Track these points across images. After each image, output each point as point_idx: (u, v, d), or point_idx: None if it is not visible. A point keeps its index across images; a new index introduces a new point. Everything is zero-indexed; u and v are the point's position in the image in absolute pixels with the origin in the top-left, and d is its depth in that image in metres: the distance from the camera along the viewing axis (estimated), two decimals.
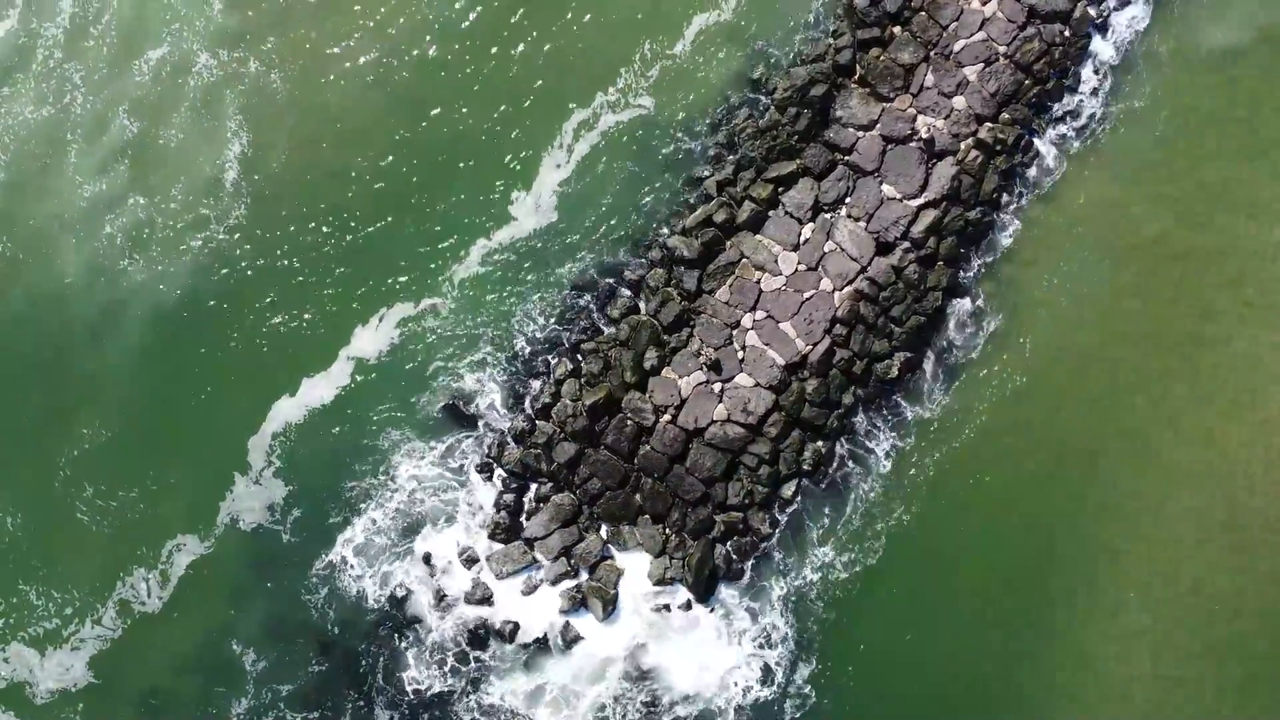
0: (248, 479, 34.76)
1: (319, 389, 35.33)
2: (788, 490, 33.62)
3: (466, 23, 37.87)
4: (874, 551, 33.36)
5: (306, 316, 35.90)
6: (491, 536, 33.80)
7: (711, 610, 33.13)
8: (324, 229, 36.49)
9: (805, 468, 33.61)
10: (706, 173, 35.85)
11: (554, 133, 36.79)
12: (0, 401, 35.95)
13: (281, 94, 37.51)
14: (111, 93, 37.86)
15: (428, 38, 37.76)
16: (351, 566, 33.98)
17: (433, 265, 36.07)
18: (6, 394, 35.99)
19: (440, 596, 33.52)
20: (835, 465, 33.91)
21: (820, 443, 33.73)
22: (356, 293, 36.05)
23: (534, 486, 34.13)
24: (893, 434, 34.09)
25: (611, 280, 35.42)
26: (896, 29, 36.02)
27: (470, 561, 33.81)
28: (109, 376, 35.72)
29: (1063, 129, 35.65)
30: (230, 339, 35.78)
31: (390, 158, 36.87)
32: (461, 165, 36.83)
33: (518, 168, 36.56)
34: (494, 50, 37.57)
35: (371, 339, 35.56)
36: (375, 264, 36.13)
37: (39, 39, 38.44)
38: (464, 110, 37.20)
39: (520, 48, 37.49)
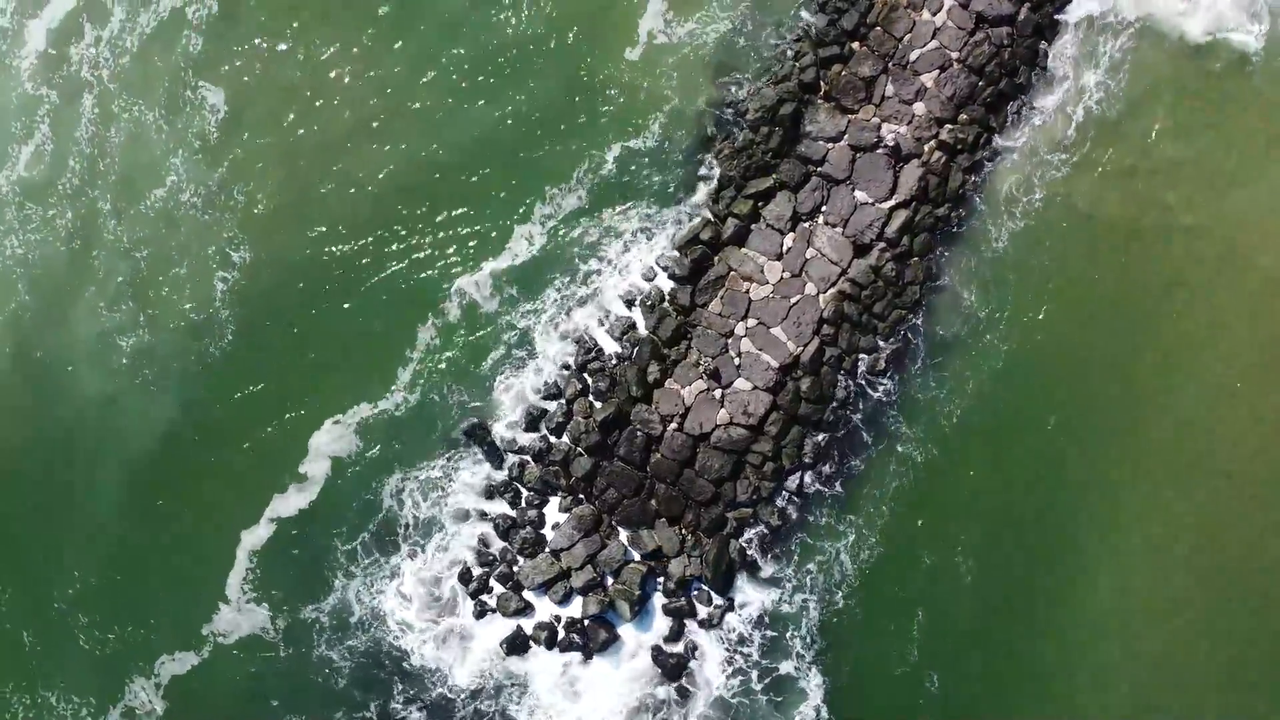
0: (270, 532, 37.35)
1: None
2: (793, 483, 35.96)
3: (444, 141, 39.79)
4: (878, 535, 35.59)
5: (276, 432, 37.84)
6: (520, 551, 36.14)
7: (731, 601, 35.47)
8: (306, 340, 38.55)
9: (807, 460, 35.96)
10: (691, 194, 38.33)
11: (547, 169, 39.15)
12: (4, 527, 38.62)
13: (266, 220, 39.47)
14: (113, 226, 39.72)
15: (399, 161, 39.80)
16: (381, 592, 36.40)
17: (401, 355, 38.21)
18: (6, 517, 38.59)
19: (478, 611, 35.85)
20: (836, 455, 36.25)
21: (820, 436, 36.12)
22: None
23: (555, 500, 36.51)
24: (891, 420, 36.46)
25: (609, 303, 37.86)
26: (855, 45, 38.48)
27: (504, 578, 36.13)
28: (97, 511, 38.00)
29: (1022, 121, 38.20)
30: (210, 463, 37.92)
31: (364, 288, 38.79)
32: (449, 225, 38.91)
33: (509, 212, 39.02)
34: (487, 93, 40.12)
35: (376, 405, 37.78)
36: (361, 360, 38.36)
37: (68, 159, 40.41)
38: (445, 159, 39.46)
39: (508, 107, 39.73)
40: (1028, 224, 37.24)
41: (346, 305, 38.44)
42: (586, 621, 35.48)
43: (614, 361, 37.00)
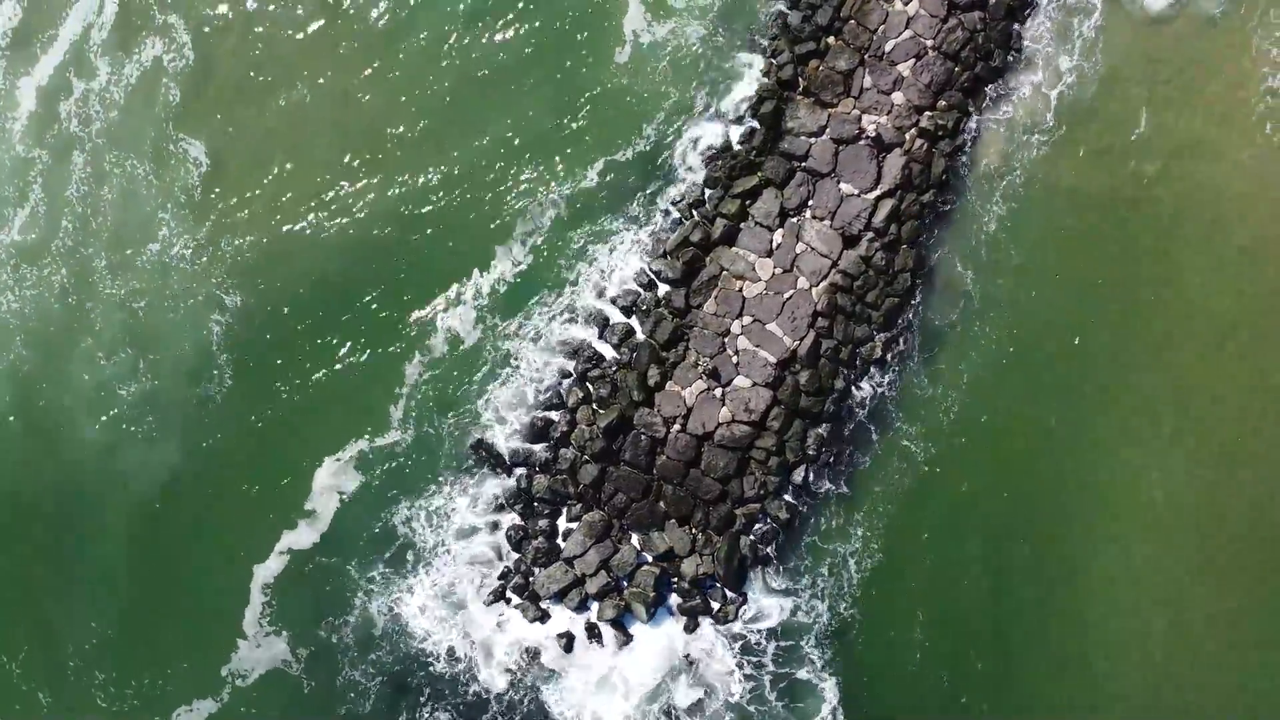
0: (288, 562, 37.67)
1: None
2: (798, 476, 36.35)
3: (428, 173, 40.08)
4: (884, 533, 36.02)
5: (280, 472, 38.21)
6: (534, 561, 36.54)
7: (745, 596, 35.85)
8: (304, 371, 38.86)
9: (810, 453, 36.35)
10: (677, 198, 38.75)
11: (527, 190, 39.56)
12: (12, 581, 38.65)
13: (253, 265, 39.69)
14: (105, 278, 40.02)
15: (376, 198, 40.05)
16: (399, 613, 36.76)
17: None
18: (18, 575, 38.66)
19: (498, 624, 36.26)
20: (839, 449, 36.66)
21: (822, 428, 36.52)
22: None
23: (565, 509, 36.92)
24: (891, 410, 36.84)
25: (606, 311, 38.26)
26: (830, 39, 38.96)
27: (520, 588, 36.54)
28: (108, 563, 38.17)
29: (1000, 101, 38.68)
30: (217, 505, 38.19)
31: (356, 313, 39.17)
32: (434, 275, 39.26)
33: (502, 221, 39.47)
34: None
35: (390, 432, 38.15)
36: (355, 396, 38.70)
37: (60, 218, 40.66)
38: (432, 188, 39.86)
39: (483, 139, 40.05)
40: (1012, 204, 37.72)
41: (335, 341, 38.70)
42: (603, 626, 35.87)
43: (614, 368, 37.44)
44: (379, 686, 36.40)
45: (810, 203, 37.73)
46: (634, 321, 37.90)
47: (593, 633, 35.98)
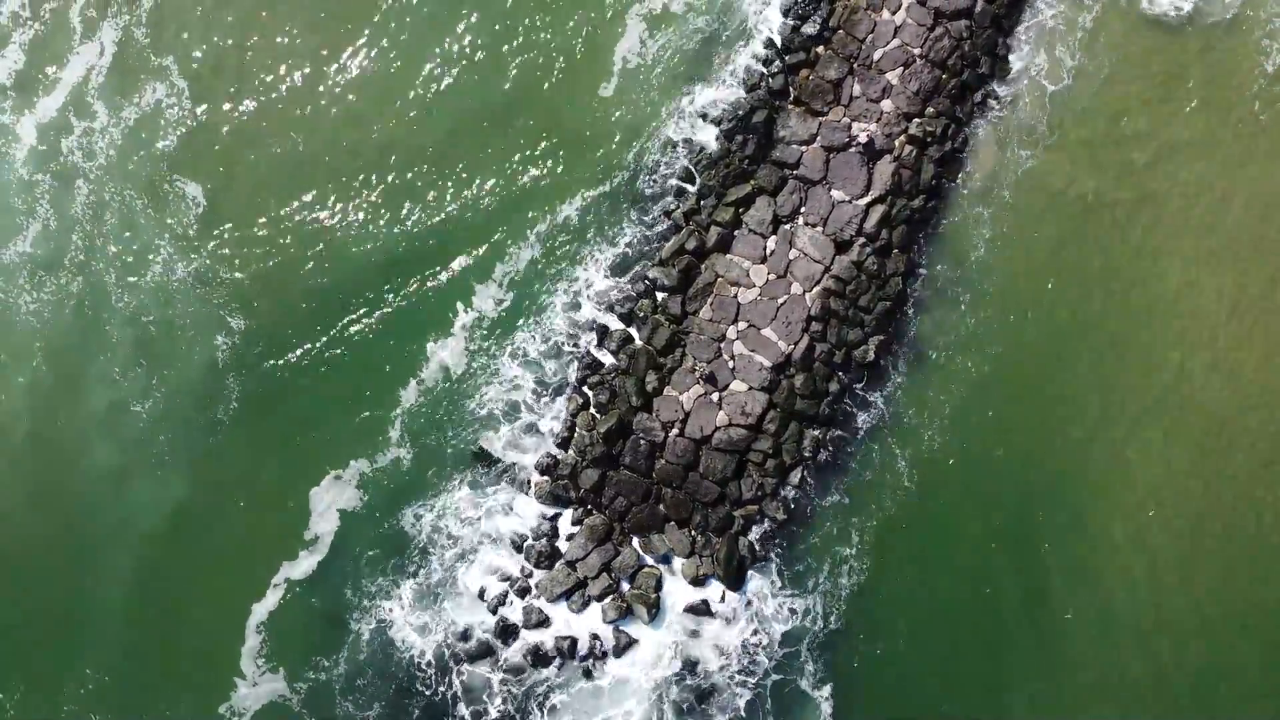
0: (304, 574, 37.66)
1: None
2: (795, 478, 37.05)
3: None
4: (881, 539, 36.67)
5: (282, 497, 37.98)
6: (536, 565, 37.20)
7: (744, 597, 36.51)
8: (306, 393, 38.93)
9: (806, 455, 37.04)
10: (673, 206, 39.49)
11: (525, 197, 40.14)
12: (11, 615, 37.93)
13: (253, 294, 39.78)
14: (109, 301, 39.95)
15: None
16: (407, 620, 37.11)
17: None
18: (13, 615, 37.96)
19: (500, 628, 36.86)
20: (836, 453, 37.34)
21: (817, 430, 37.22)
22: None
23: (567, 513, 37.58)
24: (887, 412, 37.55)
25: (603, 319, 38.92)
26: (820, 49, 39.76)
27: (522, 591, 37.19)
28: (107, 601, 37.46)
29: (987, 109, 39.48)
30: (219, 533, 37.82)
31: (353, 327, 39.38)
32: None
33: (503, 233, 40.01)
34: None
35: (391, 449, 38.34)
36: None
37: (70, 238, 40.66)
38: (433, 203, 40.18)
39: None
40: (1003, 206, 38.46)
41: (327, 371, 38.84)
42: (605, 628, 36.53)
43: (612, 374, 38.12)
44: (378, 709, 36.51)
45: (802, 209, 38.47)
46: (632, 329, 38.61)
47: (594, 635, 36.59)
